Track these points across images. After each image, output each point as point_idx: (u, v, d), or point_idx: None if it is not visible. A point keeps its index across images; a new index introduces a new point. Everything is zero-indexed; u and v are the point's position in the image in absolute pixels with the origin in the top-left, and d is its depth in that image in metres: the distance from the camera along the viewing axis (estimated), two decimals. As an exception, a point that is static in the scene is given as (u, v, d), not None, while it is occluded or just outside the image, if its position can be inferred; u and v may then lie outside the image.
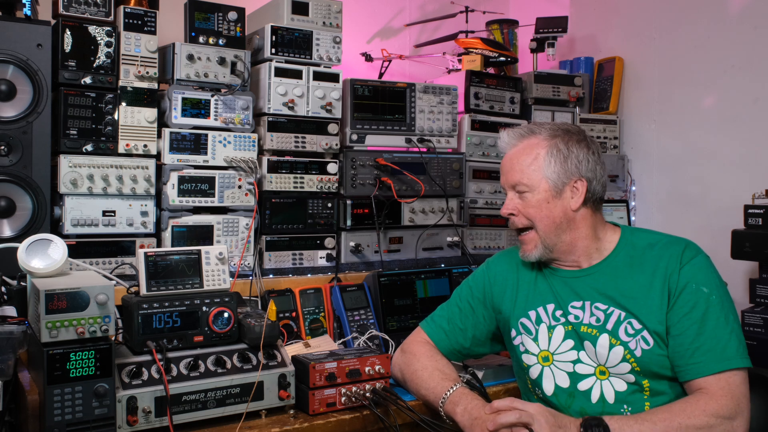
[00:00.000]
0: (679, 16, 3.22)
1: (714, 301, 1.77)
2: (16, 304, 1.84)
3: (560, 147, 1.89)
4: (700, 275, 1.81)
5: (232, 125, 2.53)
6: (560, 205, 1.89)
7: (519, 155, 1.93)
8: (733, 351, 1.73)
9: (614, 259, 1.91)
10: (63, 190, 2.28)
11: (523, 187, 1.90)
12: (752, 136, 2.92)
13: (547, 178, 1.88)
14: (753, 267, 2.76)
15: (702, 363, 1.73)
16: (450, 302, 2.15)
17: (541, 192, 1.89)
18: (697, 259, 1.83)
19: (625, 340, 1.81)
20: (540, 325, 1.94)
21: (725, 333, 1.75)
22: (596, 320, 1.86)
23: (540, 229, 1.90)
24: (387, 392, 1.89)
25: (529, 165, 1.90)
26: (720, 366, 1.71)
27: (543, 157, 1.89)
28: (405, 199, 2.81)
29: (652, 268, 1.85)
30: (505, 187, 1.97)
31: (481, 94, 3.12)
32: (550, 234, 1.90)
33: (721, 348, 1.73)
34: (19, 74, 2.20)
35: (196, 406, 1.74)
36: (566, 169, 1.88)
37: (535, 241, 1.91)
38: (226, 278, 1.89)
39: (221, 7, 2.54)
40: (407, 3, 3.69)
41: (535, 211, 1.89)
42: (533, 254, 1.93)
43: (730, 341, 1.74)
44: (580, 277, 1.93)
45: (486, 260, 2.19)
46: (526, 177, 1.90)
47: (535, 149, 1.91)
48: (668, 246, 1.87)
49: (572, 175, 1.89)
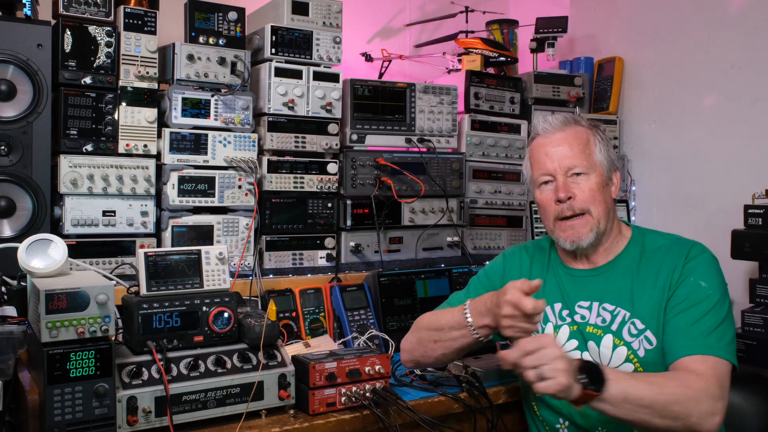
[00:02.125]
0: (679, 16, 3.22)
1: (711, 296, 1.76)
2: (16, 304, 1.84)
3: (602, 137, 1.93)
4: (701, 271, 1.80)
5: (232, 125, 2.53)
6: (608, 193, 1.91)
7: (572, 139, 1.90)
8: (720, 342, 1.71)
9: (624, 258, 1.92)
10: (63, 190, 2.28)
11: (581, 169, 1.87)
12: (752, 136, 2.92)
13: (601, 164, 1.90)
14: (753, 267, 2.75)
15: (691, 345, 1.71)
16: (467, 290, 2.12)
17: (598, 176, 1.88)
18: (702, 257, 1.83)
19: (629, 341, 1.81)
20: (546, 324, 1.94)
21: (713, 323, 1.72)
22: (602, 321, 1.87)
23: (596, 213, 1.87)
24: (387, 392, 1.89)
25: (584, 149, 1.88)
26: (706, 350, 1.69)
27: (594, 143, 1.90)
28: (405, 199, 2.81)
29: (657, 269, 1.84)
30: (555, 172, 1.89)
31: (481, 94, 3.12)
32: (603, 219, 1.88)
33: (705, 334, 1.71)
34: (19, 74, 2.20)
35: (196, 406, 1.74)
36: (610, 158, 1.92)
37: (591, 225, 1.87)
38: (226, 278, 1.89)
39: (221, 7, 2.54)
40: (407, 3, 3.69)
41: (594, 195, 1.87)
42: (588, 238, 1.87)
43: (718, 333, 1.72)
44: (591, 277, 1.93)
45: (502, 251, 2.19)
46: (585, 159, 1.87)
47: (584, 134, 1.91)
48: (675, 246, 1.87)
49: (613, 165, 1.93)
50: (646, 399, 1.59)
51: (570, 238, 1.89)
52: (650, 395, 1.59)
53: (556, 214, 1.90)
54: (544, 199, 1.92)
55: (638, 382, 1.62)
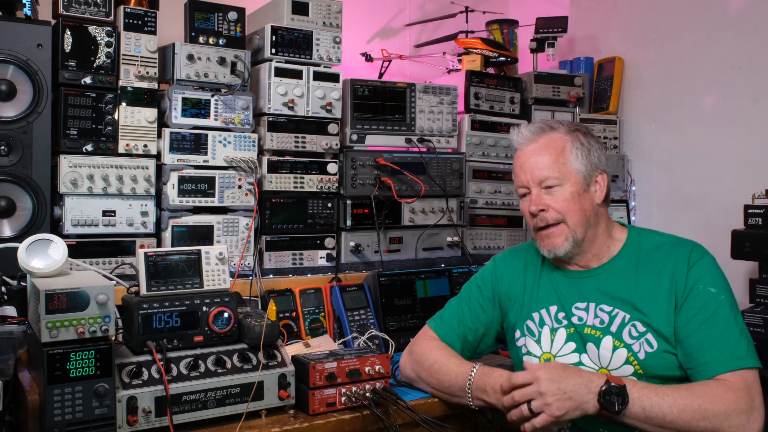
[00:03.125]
0: (679, 16, 3.22)
1: (723, 301, 1.76)
2: (16, 304, 1.84)
3: (582, 140, 1.89)
4: (707, 276, 1.80)
5: (232, 125, 2.53)
6: (588, 199, 1.88)
7: (543, 150, 1.88)
8: (744, 350, 1.72)
9: (621, 260, 1.90)
10: (63, 190, 2.28)
11: (553, 181, 1.86)
12: (752, 136, 2.92)
13: (577, 171, 1.86)
14: (753, 267, 2.75)
15: (715, 362, 1.71)
16: (459, 302, 2.11)
17: (572, 185, 1.86)
18: (704, 260, 1.82)
19: (629, 343, 1.80)
20: (543, 327, 1.94)
21: (735, 332, 1.73)
22: (600, 322, 1.86)
23: (571, 222, 1.86)
24: (387, 392, 1.89)
25: (557, 159, 1.86)
26: (733, 364, 1.70)
27: (569, 149, 1.87)
28: (405, 199, 2.81)
29: (659, 270, 1.83)
30: (528, 184, 1.90)
31: (481, 94, 3.12)
32: (580, 228, 1.87)
33: (733, 347, 1.72)
34: (19, 74, 2.20)
35: (196, 406, 1.74)
36: (591, 162, 1.88)
37: (566, 234, 1.87)
38: (226, 278, 1.89)
39: (221, 7, 2.54)
40: (407, 3, 3.69)
41: (568, 205, 1.86)
42: (563, 247, 1.87)
43: (741, 341, 1.73)
44: (587, 278, 1.92)
45: (492, 258, 2.17)
46: (555, 170, 1.86)
47: (560, 142, 1.88)
48: (675, 247, 1.86)
49: (596, 168, 1.89)
50: (668, 417, 1.62)
51: (546, 247, 1.91)
52: (673, 413, 1.62)
53: (533, 225, 1.92)
54: (524, 210, 1.95)
55: (663, 400, 1.63)
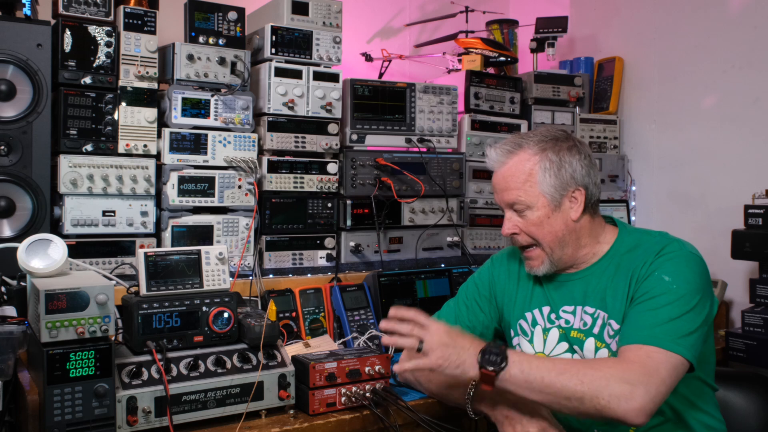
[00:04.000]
0: (679, 16, 3.22)
1: (673, 290, 1.68)
2: (16, 304, 1.84)
3: (552, 158, 1.81)
4: (669, 267, 1.73)
5: (232, 125, 2.53)
6: (561, 218, 1.82)
7: (511, 174, 1.84)
8: (673, 336, 1.62)
9: (605, 261, 1.88)
10: (63, 190, 2.28)
11: (521, 206, 1.83)
12: (752, 136, 2.92)
13: (544, 194, 1.81)
14: (753, 267, 2.76)
15: (631, 336, 1.67)
16: (457, 301, 2.12)
17: (540, 208, 1.81)
18: (674, 253, 1.76)
19: (608, 342, 1.80)
20: (535, 327, 1.94)
21: (668, 318, 1.65)
22: (584, 324, 1.85)
23: (545, 245, 1.84)
24: (387, 392, 1.89)
25: (524, 182, 1.81)
26: (642, 339, 1.63)
27: (537, 172, 1.81)
28: (405, 199, 2.81)
29: (631, 269, 1.80)
30: (501, 205, 1.90)
31: (481, 94, 3.12)
32: (555, 249, 1.84)
33: (653, 325, 1.64)
34: (19, 74, 2.19)
35: (196, 406, 1.74)
36: (562, 181, 1.81)
37: (542, 258, 1.86)
38: (226, 278, 1.89)
39: (221, 7, 2.54)
40: (407, 3, 3.69)
41: (537, 229, 1.83)
42: (541, 269, 1.87)
43: (671, 326, 1.64)
44: (574, 280, 1.91)
45: (490, 257, 2.17)
46: (522, 195, 1.81)
47: (527, 164, 1.82)
48: (654, 244, 1.81)
49: (569, 186, 1.82)
50: (546, 379, 1.58)
51: (527, 268, 1.92)
52: (551, 375, 1.58)
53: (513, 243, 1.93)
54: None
55: (543, 363, 1.62)
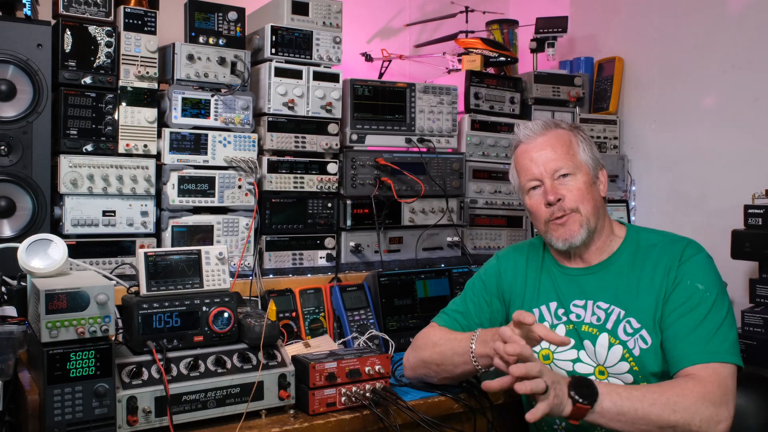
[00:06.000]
0: (679, 15, 3.22)
1: (707, 298, 1.76)
2: (16, 304, 1.84)
3: (584, 137, 1.96)
4: (698, 272, 1.80)
5: (232, 125, 2.53)
6: (596, 191, 1.93)
7: (554, 142, 1.92)
8: (723, 346, 1.71)
9: (619, 257, 1.92)
10: (63, 190, 2.28)
11: (567, 170, 1.89)
12: (752, 136, 2.92)
13: (586, 163, 1.93)
14: (753, 267, 2.76)
15: (691, 354, 1.71)
16: (464, 298, 2.12)
17: (584, 175, 1.91)
18: (697, 257, 1.83)
19: (624, 339, 1.82)
20: (542, 323, 1.94)
21: (712, 327, 1.72)
22: (597, 319, 1.87)
23: (585, 211, 1.88)
24: (387, 392, 1.89)
25: (568, 150, 1.91)
26: (705, 358, 1.69)
27: (576, 144, 1.93)
28: (405, 199, 2.81)
29: (653, 267, 1.85)
30: (541, 176, 1.90)
31: (481, 94, 3.12)
32: (593, 217, 1.89)
33: (706, 341, 1.71)
34: (19, 74, 2.20)
35: (196, 406, 1.74)
36: (595, 157, 1.95)
37: (581, 221, 1.88)
38: (226, 278, 1.89)
39: (221, 7, 2.54)
40: (407, 3, 3.69)
41: (582, 194, 1.89)
42: (580, 235, 1.88)
43: (720, 336, 1.72)
44: (585, 275, 1.93)
45: (495, 254, 2.18)
46: (569, 160, 1.90)
47: (566, 137, 1.94)
48: (670, 245, 1.88)
49: (598, 163, 1.96)
50: (639, 410, 1.59)
51: (562, 237, 1.90)
52: (644, 407, 1.59)
53: (547, 216, 1.91)
54: (534, 204, 1.94)
55: (632, 394, 1.62)
